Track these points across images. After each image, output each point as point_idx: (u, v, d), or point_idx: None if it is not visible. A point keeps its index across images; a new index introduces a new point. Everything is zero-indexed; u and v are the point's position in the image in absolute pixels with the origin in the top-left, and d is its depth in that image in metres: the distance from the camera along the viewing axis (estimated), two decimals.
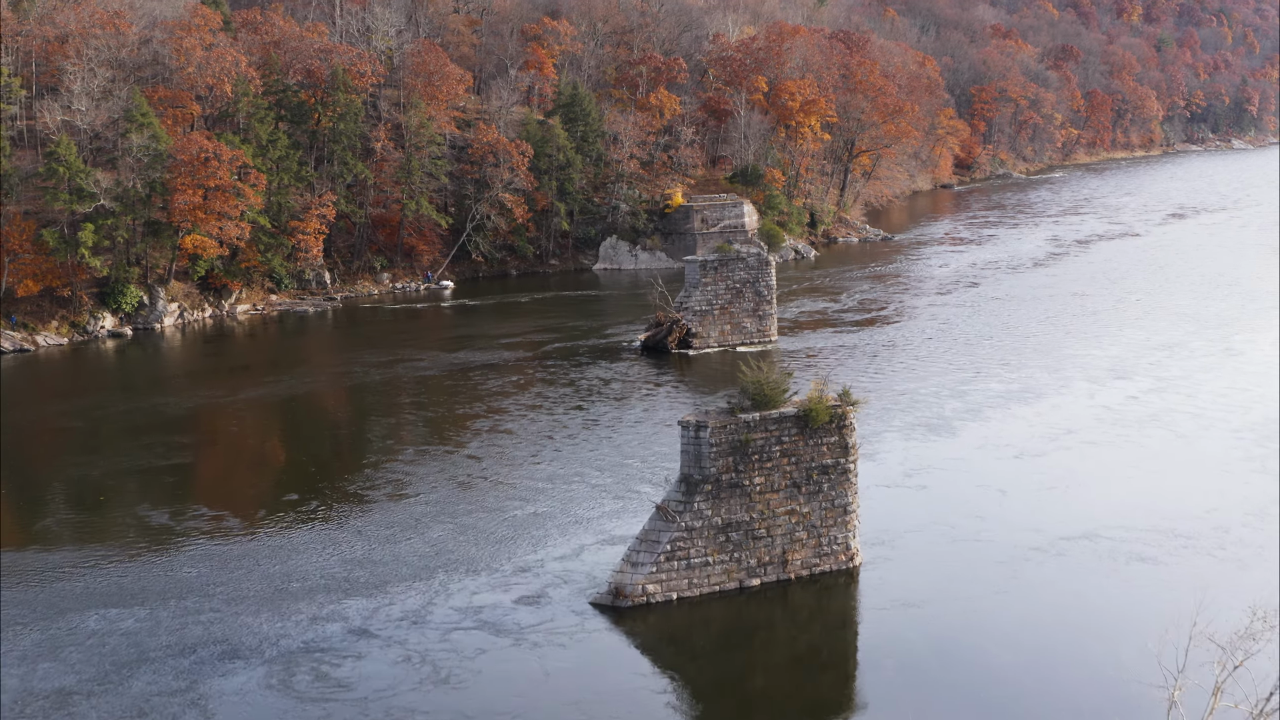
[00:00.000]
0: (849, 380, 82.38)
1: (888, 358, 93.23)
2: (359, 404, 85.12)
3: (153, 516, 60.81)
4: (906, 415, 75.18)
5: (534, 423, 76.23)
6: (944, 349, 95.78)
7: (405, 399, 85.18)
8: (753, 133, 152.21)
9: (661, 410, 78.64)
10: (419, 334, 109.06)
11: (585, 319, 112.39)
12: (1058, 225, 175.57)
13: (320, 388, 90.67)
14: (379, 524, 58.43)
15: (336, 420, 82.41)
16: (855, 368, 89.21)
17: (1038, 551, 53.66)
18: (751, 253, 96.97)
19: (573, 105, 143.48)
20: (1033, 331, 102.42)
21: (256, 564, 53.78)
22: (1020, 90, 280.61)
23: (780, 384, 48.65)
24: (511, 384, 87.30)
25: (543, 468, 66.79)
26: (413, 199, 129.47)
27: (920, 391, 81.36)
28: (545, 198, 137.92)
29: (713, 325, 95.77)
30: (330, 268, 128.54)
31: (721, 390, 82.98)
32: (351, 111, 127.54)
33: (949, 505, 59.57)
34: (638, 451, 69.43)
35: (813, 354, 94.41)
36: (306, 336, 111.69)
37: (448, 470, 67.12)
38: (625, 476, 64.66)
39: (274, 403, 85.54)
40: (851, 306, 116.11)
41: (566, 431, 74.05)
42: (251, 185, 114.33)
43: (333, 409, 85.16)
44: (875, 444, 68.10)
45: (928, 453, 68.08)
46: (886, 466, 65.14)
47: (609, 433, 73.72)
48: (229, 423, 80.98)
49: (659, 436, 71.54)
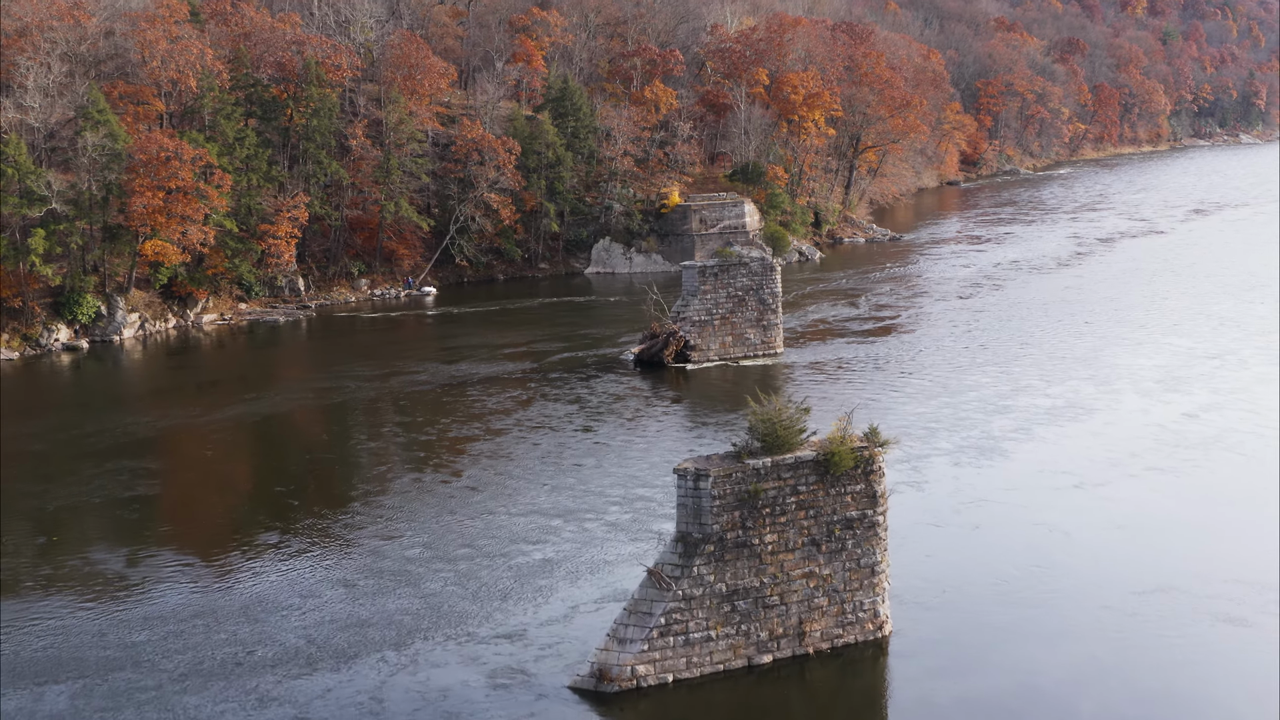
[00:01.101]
0: (874, 396, 76.50)
1: (915, 369, 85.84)
2: (339, 425, 77.48)
3: (107, 562, 53.84)
4: (953, 435, 68.63)
5: (534, 447, 69.04)
6: (975, 358, 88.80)
7: (389, 419, 77.60)
8: (753, 128, 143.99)
9: (654, 437, 70.69)
10: (399, 345, 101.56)
11: (576, 328, 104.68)
12: (1076, 222, 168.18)
13: (296, 406, 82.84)
14: (365, 572, 51.36)
15: (316, 444, 74.37)
16: (880, 382, 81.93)
17: (1107, 611, 45.66)
18: (755, 257, 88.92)
19: (563, 99, 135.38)
20: (1068, 339, 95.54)
21: (219, 625, 46.37)
22: (1027, 84, 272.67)
23: (795, 422, 40.60)
24: (499, 403, 79.61)
25: (545, 500, 59.79)
26: (392, 200, 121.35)
27: (963, 406, 74.70)
28: (534, 198, 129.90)
29: (713, 337, 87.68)
30: (304, 274, 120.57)
31: (721, 409, 75.19)
32: (326, 107, 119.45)
33: (1003, 550, 51.96)
34: (645, 479, 62.19)
35: (824, 368, 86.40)
36: (279, 348, 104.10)
37: (443, 504, 60.10)
38: (642, 513, 57.62)
39: (246, 424, 77.97)
40: (864, 313, 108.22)
41: (568, 460, 66.69)
42: (216, 186, 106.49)
43: (311, 431, 77.43)
44: (921, 469, 61.66)
45: (979, 481, 61.16)
46: (934, 499, 58.06)
47: (617, 462, 66.22)
48: (197, 447, 73.79)
49: (652, 472, 63.65)
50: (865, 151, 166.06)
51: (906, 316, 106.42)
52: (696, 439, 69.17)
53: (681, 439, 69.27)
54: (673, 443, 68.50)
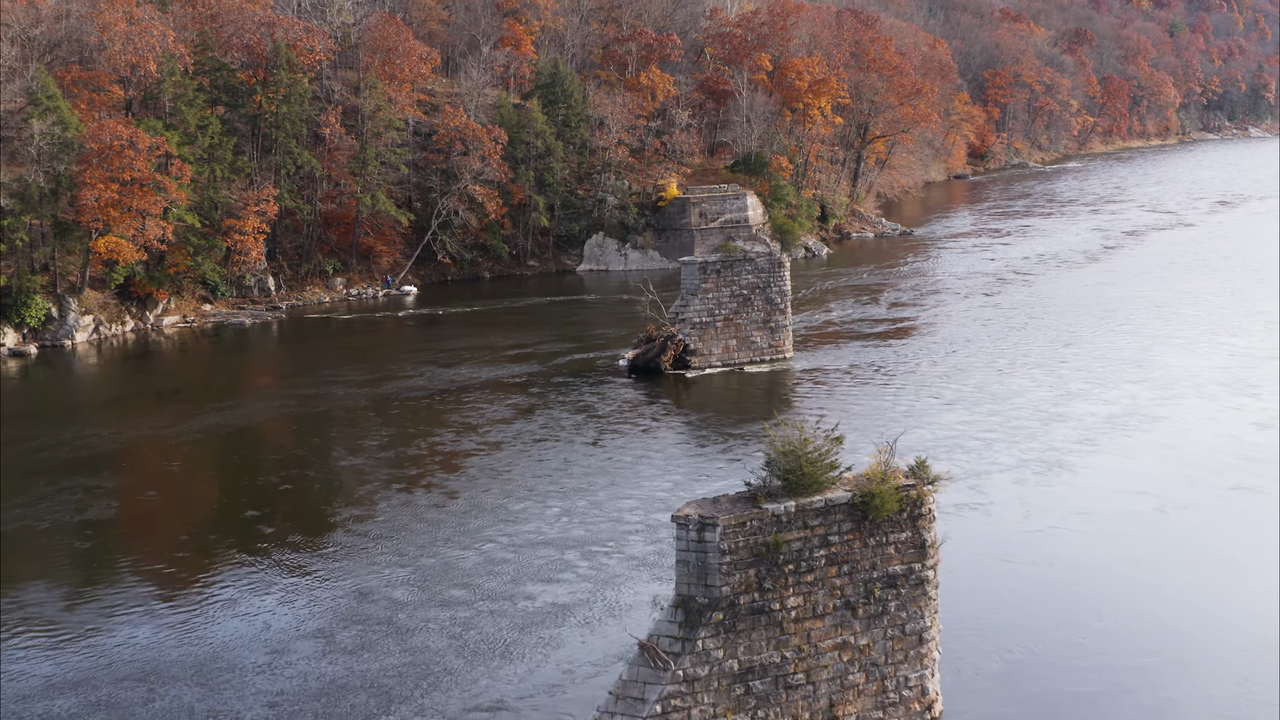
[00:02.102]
0: (908, 404, 68.22)
1: (951, 372, 77.95)
2: (316, 439, 69.21)
3: (43, 605, 45.86)
4: (1012, 447, 61.21)
5: (534, 464, 61.34)
6: (1015, 360, 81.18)
7: (370, 432, 69.20)
8: (756, 116, 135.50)
9: (667, 455, 62.31)
10: (377, 349, 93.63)
11: (567, 330, 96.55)
12: (1097, 215, 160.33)
13: (267, 417, 74.45)
14: (345, 619, 43.57)
15: (290, 460, 65.90)
16: (914, 388, 73.95)
17: (1216, 680, 37.21)
18: (761, 252, 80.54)
19: (553, 86, 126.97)
20: (1113, 338, 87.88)
21: (163, 689, 38.38)
22: (1035, 75, 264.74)
23: (825, 454, 32.25)
24: (487, 413, 71.43)
25: (553, 528, 52.08)
26: (368, 192, 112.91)
27: (1014, 414, 67.18)
28: (522, 190, 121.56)
29: (715, 340, 79.28)
30: (275, 272, 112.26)
31: (727, 422, 66.85)
32: (297, 93, 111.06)
33: (1082, 595, 43.51)
34: (667, 501, 54.37)
35: (842, 374, 77.91)
36: (247, 353, 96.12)
37: (434, 531, 52.35)
38: (667, 544, 49.35)
39: (213, 437, 69.65)
40: (881, 313, 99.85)
41: (575, 480, 58.86)
42: (175, 178, 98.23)
43: (285, 446, 69.14)
44: (981, 487, 54.26)
45: (1048, 503, 53.42)
46: (998, 526, 50.26)
47: (631, 481, 58.26)
48: (159, 463, 65.78)
49: (675, 494, 55.45)
50: (873, 141, 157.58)
51: (929, 315, 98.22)
52: (697, 462, 60.93)
53: (681, 463, 61.01)
54: (670, 465, 60.27)
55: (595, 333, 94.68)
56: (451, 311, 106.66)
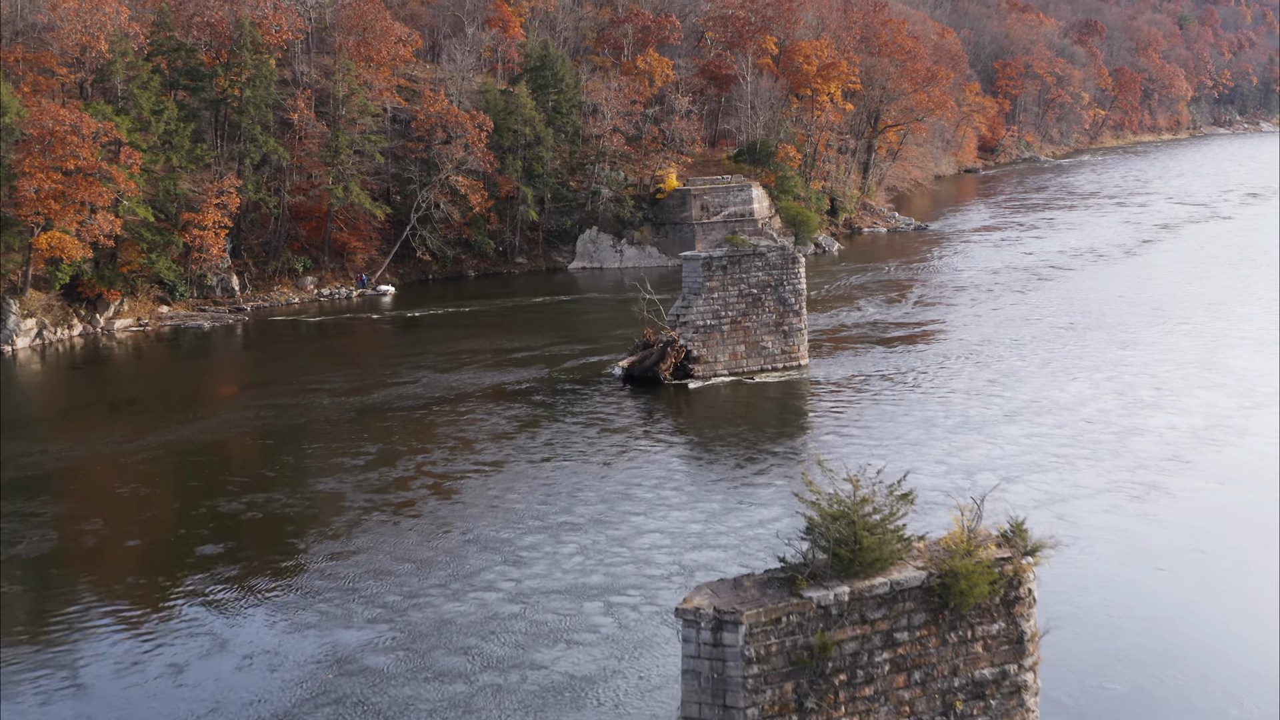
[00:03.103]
0: (958, 418, 59.13)
1: (999, 379, 69.34)
2: (284, 456, 60.20)
3: None
4: (1095, 465, 52.99)
5: (531, 490, 52.71)
6: (1069, 363, 72.69)
7: (344, 449, 60.38)
8: (761, 102, 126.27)
9: (695, 483, 53.25)
10: (350, 356, 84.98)
11: (558, 334, 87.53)
12: (1124, 208, 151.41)
13: (229, 431, 65.24)
14: (317, 701, 35.17)
15: (255, 483, 56.61)
16: (959, 397, 65.31)
17: None
18: (773, 247, 71.37)
19: (543, 69, 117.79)
20: (1171, 338, 79.85)
21: None
22: (1047, 65, 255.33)
23: (890, 518, 23.07)
24: (473, 430, 62.66)
25: (565, 573, 43.44)
26: (340, 184, 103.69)
27: (1085, 427, 58.90)
28: (509, 182, 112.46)
29: (720, 346, 70.12)
30: (239, 271, 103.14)
31: (751, 442, 57.64)
32: (262, 75, 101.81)
33: (1221, 676, 34.70)
34: (701, 538, 45.88)
35: (868, 384, 68.60)
36: (208, 359, 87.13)
37: (424, 574, 43.96)
38: None
39: (170, 454, 60.91)
40: (906, 314, 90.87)
41: (582, 510, 50.11)
42: (124, 166, 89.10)
43: (249, 465, 60.01)
44: (1071, 518, 45.77)
45: (1153, 539, 44.91)
46: (1099, 571, 41.25)
47: (657, 511, 49.43)
48: (107, 486, 57.06)
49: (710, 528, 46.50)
50: (885, 131, 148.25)
51: (961, 316, 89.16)
52: (727, 489, 51.93)
53: (709, 490, 52.04)
54: (698, 492, 51.26)
55: (588, 336, 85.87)
56: (431, 314, 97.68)
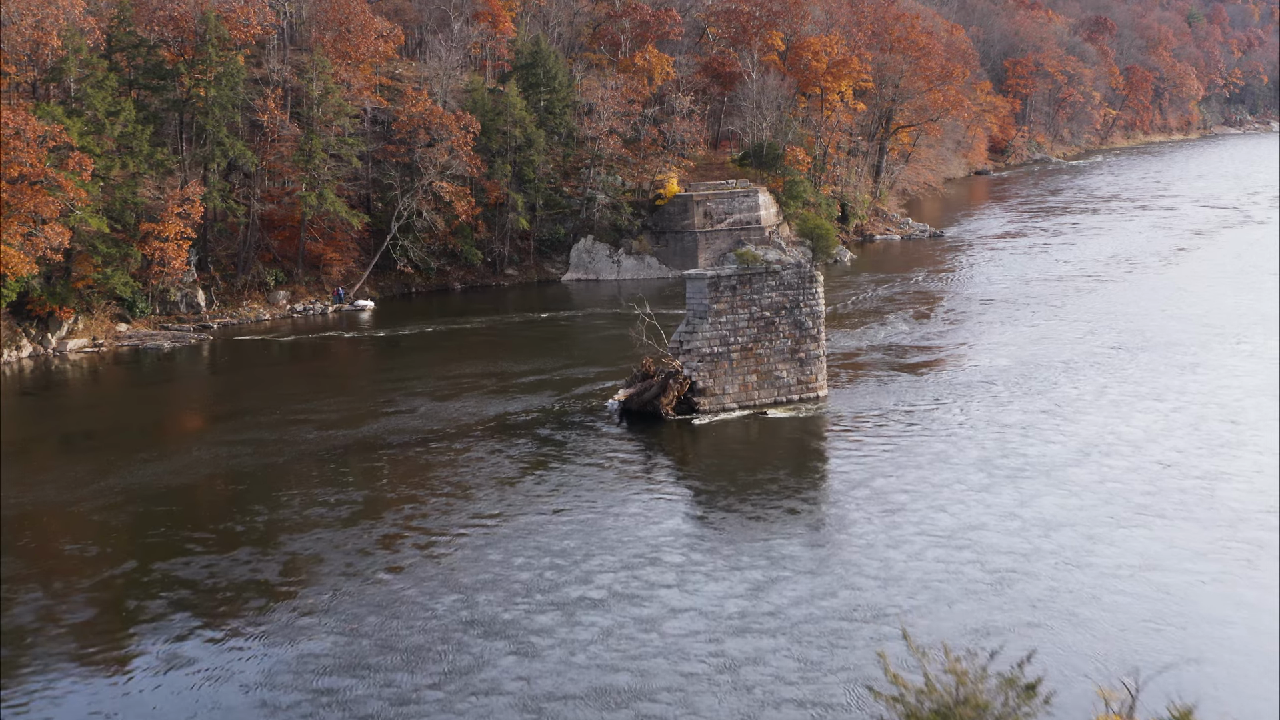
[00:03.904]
0: (1019, 459, 49.78)
1: (1054, 409, 60.82)
2: (254, 505, 51.85)
3: None
4: (1194, 521, 44.66)
5: (539, 557, 44.25)
6: (1128, 390, 64.24)
7: (317, 497, 52.30)
8: (768, 101, 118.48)
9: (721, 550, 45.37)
10: (330, 381, 77.13)
11: (549, 357, 79.73)
12: (1150, 212, 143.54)
13: (196, 473, 56.91)
14: None
15: (220, 540, 48.06)
16: (1014, 437, 56.58)
17: None
18: (788, 264, 63.52)
19: (534, 66, 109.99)
20: (1234, 360, 71.21)
21: None
22: (1058, 64, 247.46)
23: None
24: (455, 475, 54.61)
25: (582, 672, 35.23)
26: (314, 190, 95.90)
27: (1166, 474, 50.51)
28: (497, 187, 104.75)
29: (729, 376, 62.28)
30: (205, 285, 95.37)
31: (769, 499, 49.81)
32: (229, 73, 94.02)
33: None
34: (736, 620, 37.07)
35: (899, 419, 60.33)
36: (171, 384, 79.18)
37: (417, 669, 35.84)
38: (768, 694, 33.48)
39: (127, 501, 52.70)
40: (934, 333, 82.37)
41: (596, 583, 41.79)
42: (74, 174, 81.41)
43: (215, 515, 51.40)
44: (1179, 595, 38.17)
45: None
46: None
47: (686, 585, 41.34)
48: (55, 541, 49.02)
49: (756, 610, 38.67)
50: (897, 132, 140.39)
51: (997, 334, 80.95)
52: (757, 557, 43.93)
53: (742, 559, 44.09)
54: (730, 559, 43.37)
55: (585, 358, 78.14)
56: (412, 333, 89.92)
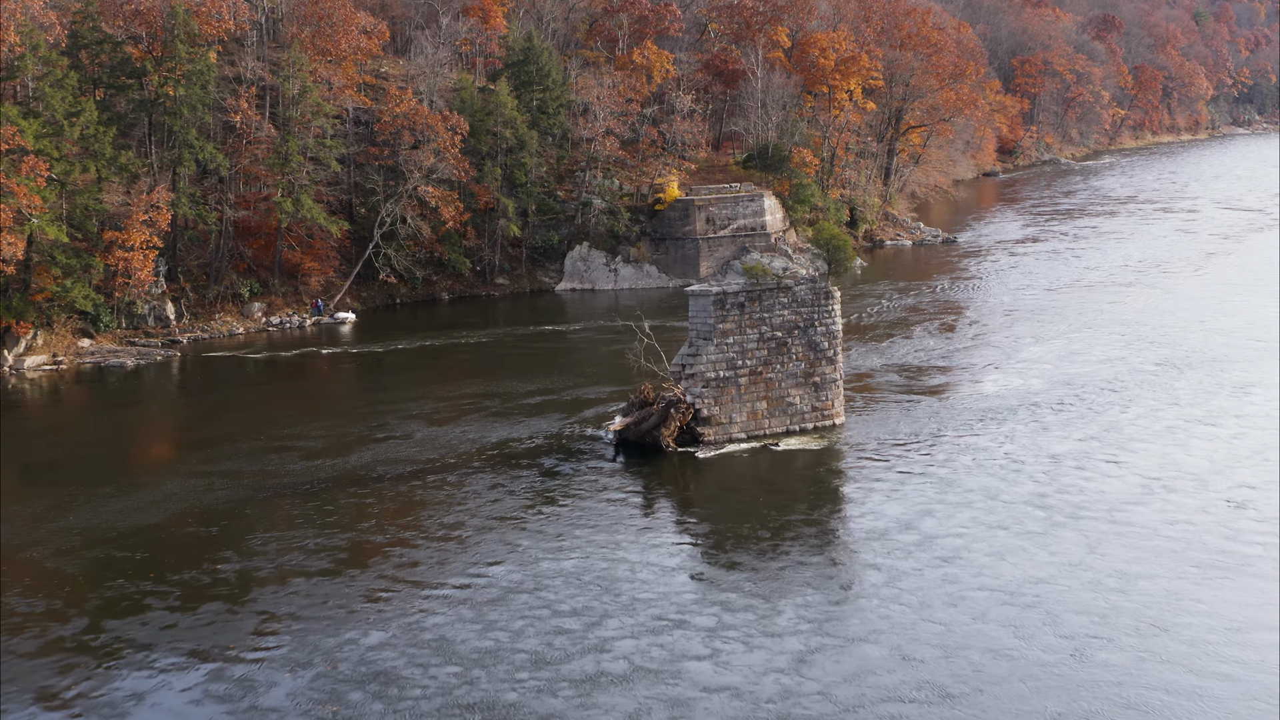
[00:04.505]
0: (1076, 496, 43.17)
1: (1103, 434, 55.81)
2: (223, 553, 46.11)
3: None
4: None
5: (540, 623, 38.59)
6: (1184, 413, 58.97)
7: (300, 541, 46.92)
8: (773, 100, 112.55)
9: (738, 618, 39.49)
10: (301, 405, 71.19)
11: (541, 376, 73.77)
12: (1171, 214, 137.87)
13: (164, 511, 51.00)
14: None
15: (184, 596, 42.32)
16: (1068, 472, 51.00)
17: None
18: (802, 279, 57.55)
19: (526, 63, 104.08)
20: None
21: None
22: (1067, 63, 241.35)
23: None
24: (456, 512, 49.25)
25: None
26: (289, 196, 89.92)
27: (1240, 517, 45.44)
28: (487, 192, 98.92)
29: (737, 403, 56.28)
30: (176, 296, 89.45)
31: (797, 550, 43.78)
32: (199, 71, 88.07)
33: None
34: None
35: (924, 449, 54.18)
36: (140, 407, 73.00)
37: None
38: None
39: (86, 545, 47.11)
40: (958, 349, 76.39)
41: (618, 649, 36.58)
42: (27, 179, 75.68)
43: (181, 563, 45.47)
44: None
45: None
46: None
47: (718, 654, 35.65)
48: (4, 588, 43.00)
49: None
50: (908, 132, 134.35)
51: (1025, 351, 74.97)
52: (760, 627, 38.03)
53: (774, 627, 38.26)
54: (759, 625, 37.47)
55: (578, 378, 72.17)
56: (394, 348, 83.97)
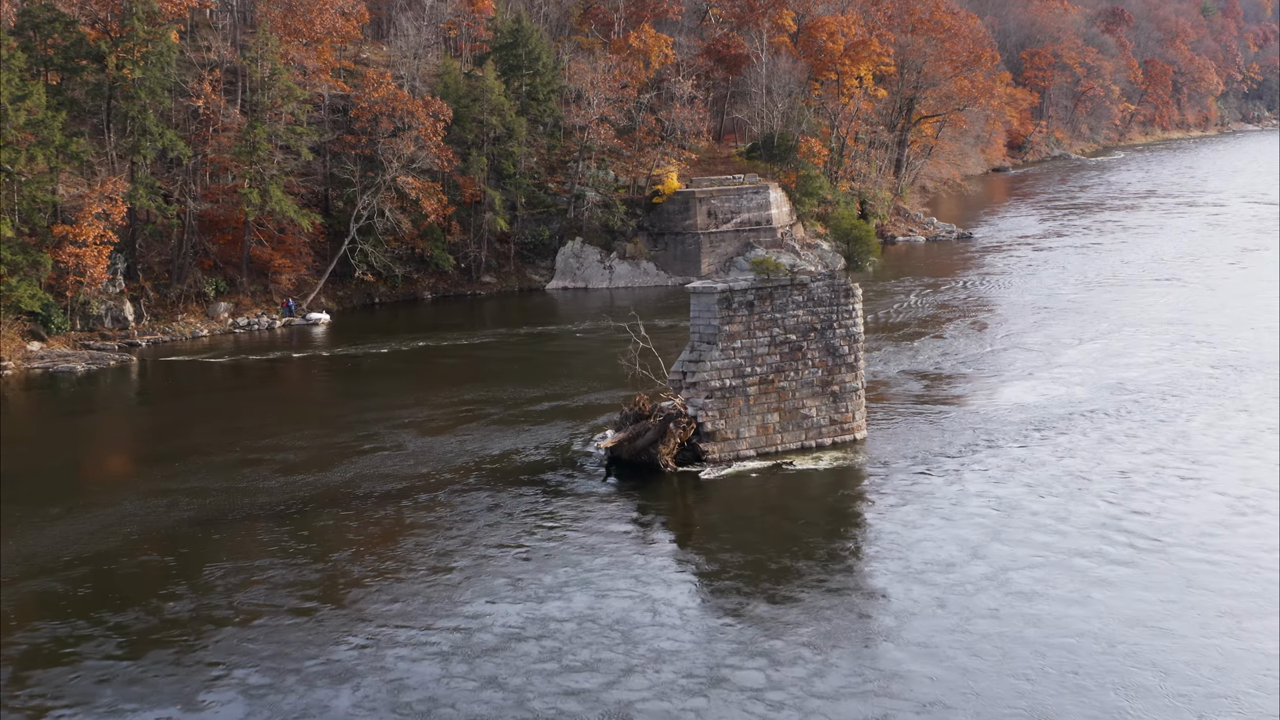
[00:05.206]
0: (1155, 526, 36.56)
1: (1168, 445, 49.88)
2: (177, 589, 39.85)
3: None
4: None
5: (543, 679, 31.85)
6: (1257, 423, 52.63)
7: (264, 575, 40.62)
8: (778, 87, 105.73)
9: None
10: (269, 413, 64.21)
11: (527, 384, 67.02)
12: (1196, 208, 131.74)
13: (115, 537, 44.45)
14: None
15: (129, 645, 35.80)
16: (1143, 493, 44.43)
17: None
18: (818, 275, 50.85)
19: (515, 46, 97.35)
20: None
21: None
22: (1077, 56, 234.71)
23: None
24: (441, 539, 42.89)
25: None
26: (257, 186, 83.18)
27: None
28: (473, 184, 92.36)
29: (745, 416, 49.46)
30: (135, 296, 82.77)
31: (829, 603, 37.17)
32: (159, 52, 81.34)
33: None
34: None
35: (962, 469, 47.40)
36: (89, 416, 66.17)
37: None
38: None
39: (24, 574, 41.06)
40: (990, 352, 69.52)
41: None
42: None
43: (126, 602, 39.01)
44: None
45: None
46: None
47: None
48: None
49: None
50: (920, 122, 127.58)
51: (1066, 353, 68.39)
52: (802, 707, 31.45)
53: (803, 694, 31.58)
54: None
55: (571, 385, 65.54)
56: (371, 351, 77.38)
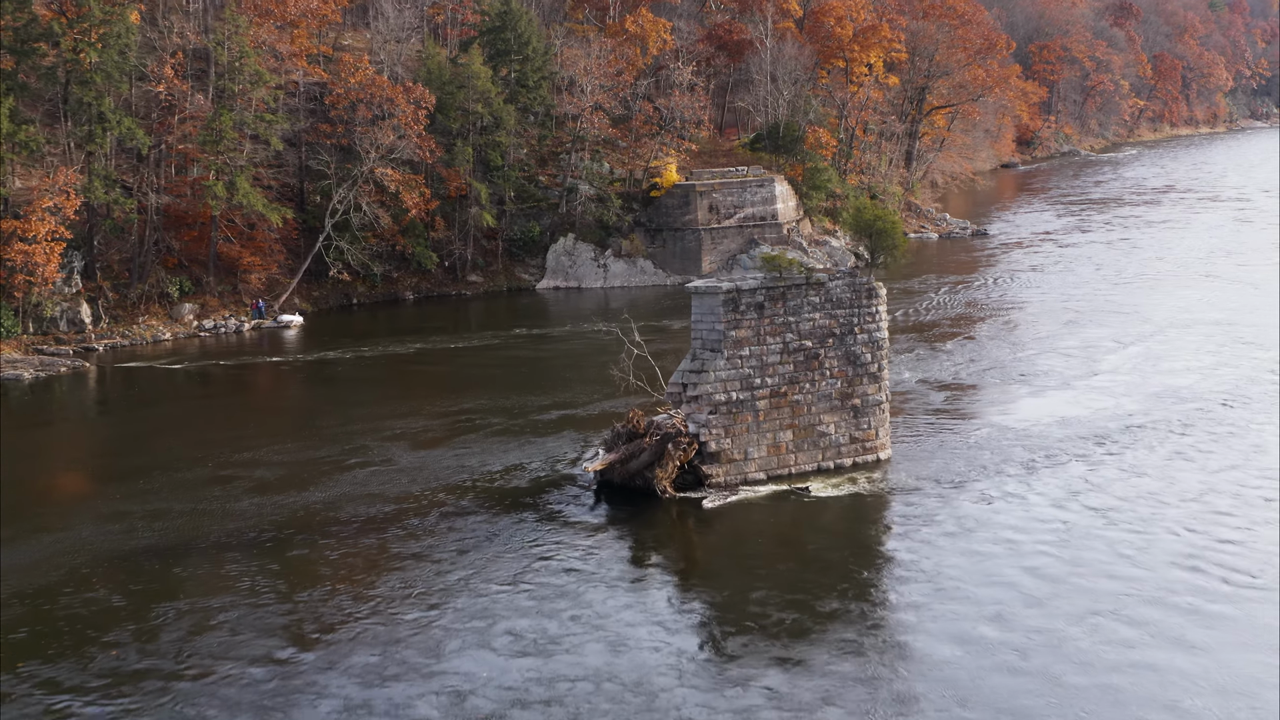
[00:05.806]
0: (1234, 564, 33.27)
1: (1234, 466, 44.49)
2: (122, 624, 35.45)
3: None
4: None
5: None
6: None
7: (227, 620, 35.57)
8: (784, 74, 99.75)
9: None
10: (238, 425, 58.31)
11: (516, 393, 61.13)
12: (1220, 204, 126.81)
13: (62, 566, 40.02)
14: None
15: (62, 691, 31.04)
16: (1199, 529, 39.19)
17: None
18: (837, 272, 44.87)
19: (503, 30, 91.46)
20: None
21: None
22: (1087, 49, 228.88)
23: None
24: (425, 575, 37.91)
25: None
26: (223, 179, 77.14)
27: None
28: (458, 176, 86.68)
29: (753, 434, 43.38)
30: (93, 297, 76.84)
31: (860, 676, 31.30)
32: (117, 34, 75.36)
33: None
34: None
35: (1003, 496, 41.46)
36: (44, 429, 60.53)
37: None
38: None
39: None
40: (1025, 360, 63.71)
41: None
42: None
43: (66, 650, 33.83)
44: None
45: None
46: None
47: None
48: None
49: None
50: (932, 113, 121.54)
51: (1103, 359, 63.33)
52: None
53: None
54: None
55: (564, 396, 59.56)
56: (345, 356, 71.48)
